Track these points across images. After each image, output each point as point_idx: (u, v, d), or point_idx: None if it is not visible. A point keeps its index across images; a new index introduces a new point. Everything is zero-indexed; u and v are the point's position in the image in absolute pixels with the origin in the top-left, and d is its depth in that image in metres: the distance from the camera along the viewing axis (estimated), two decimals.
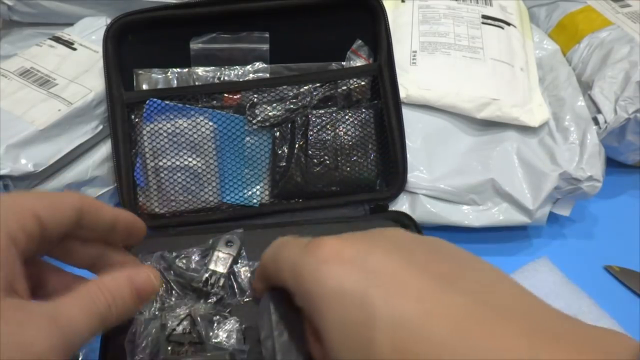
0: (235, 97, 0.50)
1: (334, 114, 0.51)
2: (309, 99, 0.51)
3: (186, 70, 0.52)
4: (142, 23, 0.50)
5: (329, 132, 0.50)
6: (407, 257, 0.23)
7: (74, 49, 0.55)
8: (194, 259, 0.42)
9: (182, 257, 0.42)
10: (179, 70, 0.52)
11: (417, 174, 0.51)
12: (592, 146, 0.51)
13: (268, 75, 0.52)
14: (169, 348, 0.35)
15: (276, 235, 0.45)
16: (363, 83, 0.52)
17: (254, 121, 0.50)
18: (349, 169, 0.51)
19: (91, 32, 0.57)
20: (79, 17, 0.59)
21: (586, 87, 0.57)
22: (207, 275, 0.40)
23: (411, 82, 0.53)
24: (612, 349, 0.19)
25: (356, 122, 0.51)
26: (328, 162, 0.50)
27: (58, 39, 0.56)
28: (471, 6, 0.60)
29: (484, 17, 0.59)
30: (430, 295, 0.21)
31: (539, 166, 0.51)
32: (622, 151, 0.58)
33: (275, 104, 0.50)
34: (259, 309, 0.29)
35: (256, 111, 0.50)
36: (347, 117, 0.51)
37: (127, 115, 0.49)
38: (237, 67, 0.52)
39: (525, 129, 0.53)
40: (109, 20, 0.52)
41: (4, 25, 0.62)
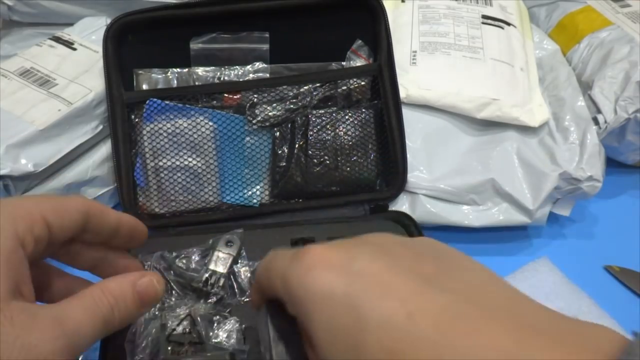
0: (235, 97, 0.50)
1: (334, 114, 0.51)
2: (309, 99, 0.51)
3: (186, 70, 0.52)
4: (142, 23, 0.50)
5: (329, 132, 0.50)
6: (392, 260, 0.23)
7: (74, 49, 0.55)
8: (194, 259, 0.42)
9: (182, 257, 0.42)
10: (179, 70, 0.52)
11: (417, 174, 0.51)
12: (592, 146, 0.51)
13: (268, 75, 0.52)
14: (169, 348, 0.35)
15: (276, 236, 0.46)
16: (363, 83, 0.52)
17: (254, 121, 0.50)
18: (349, 169, 0.51)
19: (91, 32, 0.57)
20: (79, 17, 0.59)
21: (586, 87, 0.57)
22: (207, 275, 0.40)
23: (411, 82, 0.53)
24: (598, 343, 0.19)
25: (356, 122, 0.51)
26: (328, 162, 0.50)
27: (58, 39, 0.56)
28: (471, 6, 0.60)
29: (484, 17, 0.59)
30: (414, 296, 0.21)
31: (539, 166, 0.51)
32: (622, 151, 0.58)
33: (275, 104, 0.50)
34: (257, 321, 0.29)
35: (256, 111, 0.50)
36: (347, 117, 0.51)
37: (127, 115, 0.49)
38: (237, 67, 0.52)
39: (525, 129, 0.53)
40: (109, 20, 0.52)
41: (4, 25, 0.62)
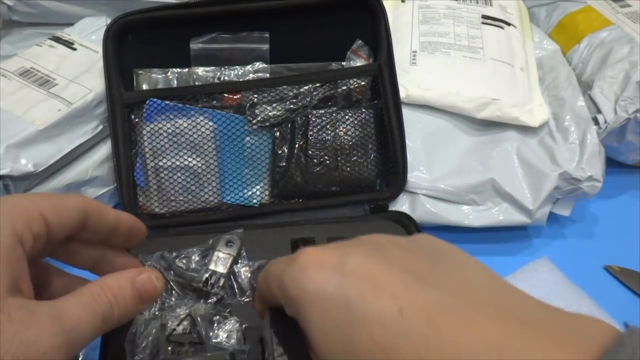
0: (235, 97, 0.50)
1: (334, 114, 0.51)
2: (309, 99, 0.51)
3: (186, 70, 0.52)
4: (142, 23, 0.50)
5: (329, 132, 0.50)
6: (385, 258, 0.24)
7: (74, 49, 0.55)
8: (194, 259, 0.42)
9: (182, 257, 0.42)
10: (179, 70, 0.52)
11: (417, 174, 0.51)
12: (592, 146, 0.51)
13: (268, 75, 0.52)
14: (169, 348, 0.35)
15: (276, 236, 0.46)
16: (363, 83, 0.52)
17: (254, 121, 0.50)
18: (349, 169, 0.51)
19: (91, 32, 0.57)
20: (79, 17, 0.59)
21: (586, 87, 0.57)
22: (207, 275, 0.40)
23: (411, 82, 0.53)
24: (589, 334, 0.19)
25: (356, 122, 0.51)
26: (328, 162, 0.50)
27: (58, 39, 0.56)
28: (471, 6, 0.60)
29: (484, 17, 0.59)
30: (406, 292, 0.22)
31: (539, 166, 0.51)
32: (622, 151, 0.58)
33: (275, 104, 0.50)
34: (264, 329, 0.30)
35: (256, 111, 0.50)
36: (347, 117, 0.51)
37: (127, 115, 0.49)
38: (237, 67, 0.52)
39: (525, 129, 0.53)
40: (109, 20, 0.52)
41: (4, 25, 0.62)
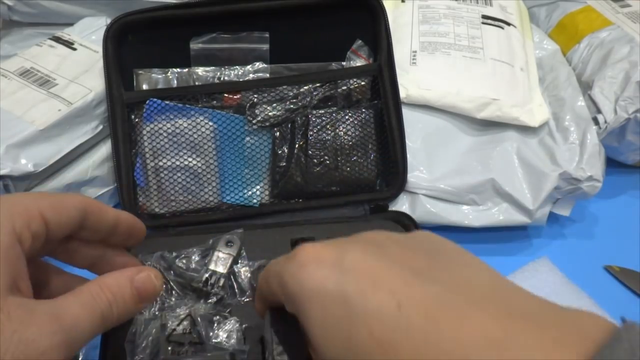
0: (235, 97, 0.50)
1: (334, 114, 0.51)
2: (309, 99, 0.51)
3: (186, 70, 0.52)
4: (142, 23, 0.50)
5: (329, 132, 0.50)
6: (383, 255, 0.24)
7: (74, 49, 0.55)
8: (194, 259, 0.42)
9: (182, 257, 0.42)
10: (179, 70, 0.52)
11: (417, 174, 0.51)
12: (592, 146, 0.51)
13: (268, 75, 0.52)
14: (169, 348, 0.35)
15: (276, 236, 0.46)
16: (363, 83, 0.52)
17: (254, 121, 0.50)
18: (349, 169, 0.51)
19: (91, 32, 0.57)
20: (79, 17, 0.59)
21: (586, 87, 0.57)
22: (207, 275, 0.40)
23: (411, 82, 0.53)
24: (586, 329, 0.19)
25: (356, 122, 0.51)
26: (328, 162, 0.50)
27: (58, 39, 0.56)
28: (471, 6, 0.60)
29: (484, 17, 0.59)
30: (404, 287, 0.22)
31: (539, 166, 0.51)
32: (622, 151, 0.58)
33: (275, 104, 0.50)
34: (264, 330, 0.30)
35: (256, 111, 0.50)
36: (347, 117, 0.51)
37: (127, 115, 0.49)
38: (237, 67, 0.52)
39: (525, 129, 0.53)
40: (109, 20, 0.52)
41: (4, 25, 0.62)
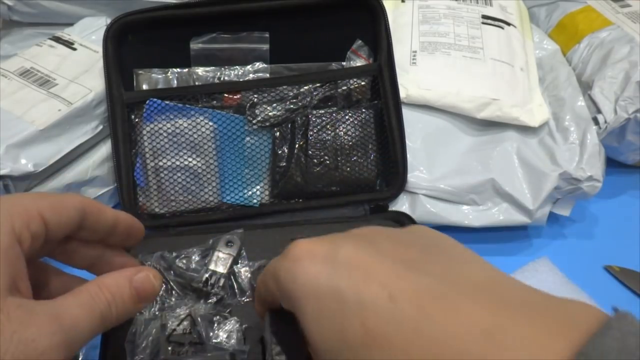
0: (235, 97, 0.50)
1: (334, 114, 0.51)
2: (309, 99, 0.51)
3: (186, 70, 0.52)
4: (142, 23, 0.50)
5: (329, 132, 0.50)
6: (376, 249, 0.24)
7: (74, 49, 0.55)
8: (194, 259, 0.42)
9: (182, 257, 0.42)
10: (179, 70, 0.52)
11: (417, 174, 0.51)
12: (592, 146, 0.51)
13: (268, 75, 0.52)
14: (169, 348, 0.35)
15: (276, 236, 0.46)
16: (363, 83, 0.52)
17: (254, 121, 0.50)
18: (349, 169, 0.51)
19: (91, 32, 0.57)
20: (79, 17, 0.59)
21: (586, 87, 0.57)
22: (207, 275, 0.40)
23: (411, 82, 0.53)
24: (577, 318, 0.19)
25: (356, 122, 0.51)
26: (328, 162, 0.50)
27: (58, 39, 0.56)
28: (471, 6, 0.60)
29: (484, 17, 0.59)
30: (396, 279, 0.22)
31: (539, 166, 0.51)
32: (622, 151, 0.58)
33: (275, 104, 0.50)
34: (264, 331, 0.30)
35: (256, 111, 0.50)
36: (347, 117, 0.51)
37: (127, 115, 0.49)
38: (237, 67, 0.52)
39: (525, 129, 0.53)
40: (109, 20, 0.52)
41: (4, 25, 0.62)
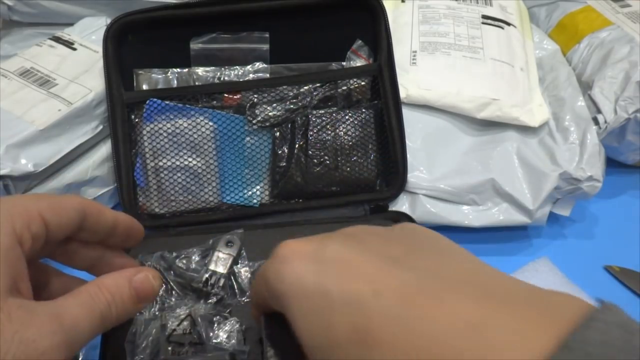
0: (235, 97, 0.50)
1: (334, 114, 0.51)
2: (309, 99, 0.51)
3: (186, 70, 0.52)
4: (142, 23, 0.50)
5: (329, 132, 0.50)
6: (362, 246, 0.24)
7: (74, 49, 0.55)
8: (194, 259, 0.42)
9: (182, 258, 0.42)
10: (179, 70, 0.52)
11: (417, 174, 0.51)
12: (592, 146, 0.51)
13: (268, 75, 0.52)
14: (169, 348, 0.35)
15: (276, 235, 0.46)
16: (363, 83, 0.52)
17: (254, 121, 0.50)
18: (349, 169, 0.51)
19: (91, 32, 0.57)
20: (79, 17, 0.59)
21: (586, 87, 0.57)
22: (207, 275, 0.40)
23: (411, 82, 0.53)
24: (563, 310, 0.19)
25: (356, 122, 0.51)
26: (328, 162, 0.50)
27: (58, 39, 0.56)
28: (471, 6, 0.60)
29: (484, 17, 0.59)
30: (381, 275, 0.22)
31: (539, 166, 0.51)
32: (622, 151, 0.58)
33: (275, 104, 0.50)
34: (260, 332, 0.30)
35: (256, 111, 0.50)
36: (347, 117, 0.51)
37: (127, 115, 0.49)
38: (237, 67, 0.52)
39: (525, 129, 0.53)
40: (109, 20, 0.52)
41: (4, 25, 0.62)
